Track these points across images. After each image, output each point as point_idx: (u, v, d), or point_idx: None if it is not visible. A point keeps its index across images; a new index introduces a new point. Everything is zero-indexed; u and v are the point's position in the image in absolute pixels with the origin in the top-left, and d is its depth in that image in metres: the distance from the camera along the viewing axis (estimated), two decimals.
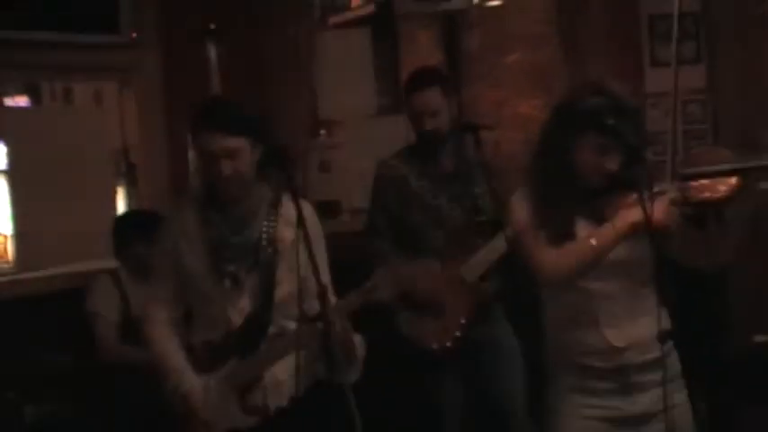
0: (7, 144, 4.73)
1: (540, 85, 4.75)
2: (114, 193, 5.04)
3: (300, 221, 2.35)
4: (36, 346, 4.12)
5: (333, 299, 2.67)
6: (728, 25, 4.42)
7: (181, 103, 4.61)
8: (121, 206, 5.08)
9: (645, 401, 2.46)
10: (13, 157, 4.71)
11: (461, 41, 5.00)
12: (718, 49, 4.46)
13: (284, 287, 2.63)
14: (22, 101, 5.87)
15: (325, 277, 2.67)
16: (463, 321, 3.39)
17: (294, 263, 2.51)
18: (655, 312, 2.44)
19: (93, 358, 3.85)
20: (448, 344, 3.39)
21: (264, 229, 2.63)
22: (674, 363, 2.50)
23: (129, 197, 5.12)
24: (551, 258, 2.44)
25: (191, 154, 4.62)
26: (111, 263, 4.06)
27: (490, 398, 3.50)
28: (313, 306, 2.56)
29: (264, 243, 2.62)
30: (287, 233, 2.63)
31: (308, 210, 2.71)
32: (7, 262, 5.08)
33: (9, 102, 5.81)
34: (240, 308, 2.62)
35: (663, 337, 2.37)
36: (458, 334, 3.39)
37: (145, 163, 4.79)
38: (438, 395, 3.49)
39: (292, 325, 2.63)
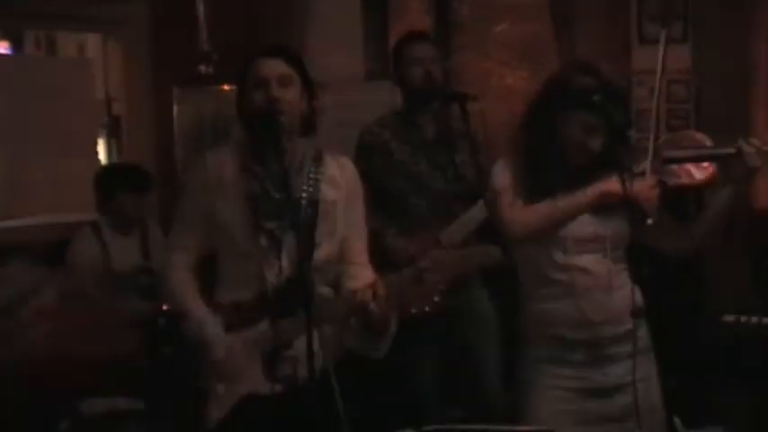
0: None
1: (527, 57, 4.76)
2: (96, 143, 5.02)
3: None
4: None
5: (367, 266, 2.63)
6: (715, 6, 4.44)
7: (168, 57, 4.59)
8: (103, 157, 5.07)
9: (615, 373, 2.52)
10: None
11: (451, 10, 4.99)
12: (705, 30, 4.48)
13: (323, 250, 2.51)
14: (3, 46, 5.80)
15: (362, 241, 2.65)
16: (442, 287, 3.42)
17: (334, 224, 2.48)
18: (628, 287, 2.51)
19: None
20: (426, 308, 3.42)
21: (306, 186, 2.49)
22: (644, 336, 2.55)
23: (111, 149, 5.10)
24: (519, 214, 2.49)
25: (176, 108, 4.62)
26: (92, 215, 4.06)
27: (464, 363, 3.56)
28: (353, 273, 2.56)
29: (305, 202, 2.48)
30: (329, 192, 2.53)
31: (349, 168, 2.66)
32: None
33: None
34: (276, 268, 2.47)
35: (636, 313, 2.43)
36: (436, 299, 3.42)
37: (129, 115, 4.76)
38: (414, 359, 3.53)
39: (329, 291, 2.53)
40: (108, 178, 3.99)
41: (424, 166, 3.50)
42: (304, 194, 2.50)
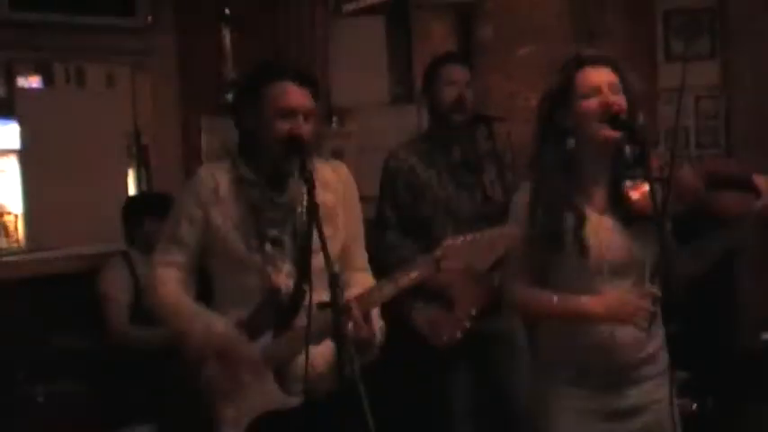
0: (20, 124, 4.75)
1: None
2: (125, 174, 5.06)
3: (312, 208, 2.24)
4: (44, 326, 4.15)
5: (367, 271, 2.61)
6: (743, 21, 4.41)
7: (194, 88, 4.63)
8: (132, 188, 5.11)
9: (635, 396, 2.46)
10: (25, 136, 4.73)
11: (475, 32, 5.00)
12: (733, 45, 4.45)
13: (328, 252, 2.29)
14: (34, 81, 5.88)
15: (362, 246, 2.64)
16: (473, 313, 3.40)
17: (335, 228, 2.44)
18: (656, 311, 2.43)
19: (102, 340, 3.87)
20: (458, 335, 3.39)
21: (303, 192, 2.37)
22: (665, 358, 2.49)
23: (140, 179, 5.13)
24: (519, 294, 2.49)
25: (204, 138, 4.66)
26: (122, 245, 4.09)
27: (498, 389, 3.51)
28: (353, 282, 2.52)
29: (303, 207, 2.40)
30: (326, 196, 2.47)
31: (343, 172, 2.64)
32: (17, 241, 5.11)
33: (22, 81, 5.82)
34: (285, 273, 2.45)
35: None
36: (468, 325, 3.40)
37: (157, 145, 4.81)
38: (448, 387, 3.50)
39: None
40: (134, 208, 4.02)
41: (452, 189, 3.48)
42: (302, 199, 2.43)
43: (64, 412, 3.72)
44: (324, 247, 2.18)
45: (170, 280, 2.53)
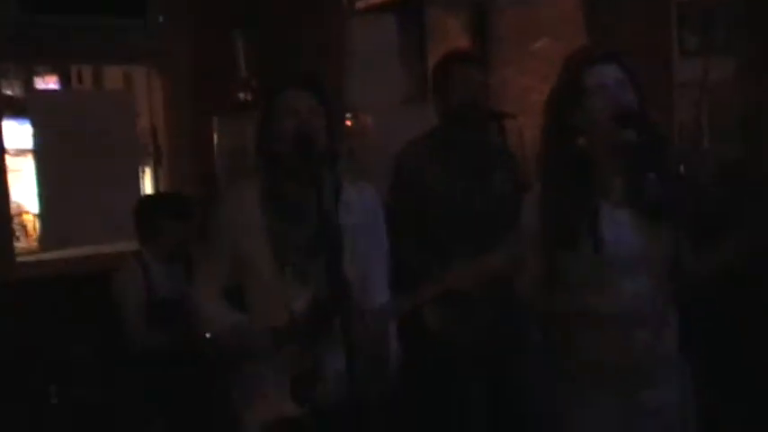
0: (35, 125, 4.78)
1: None
2: (141, 174, 5.09)
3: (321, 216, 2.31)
4: (61, 326, 4.17)
5: (386, 292, 2.64)
6: (758, 13, 4.35)
7: (208, 88, 4.65)
8: (148, 187, 5.14)
9: (656, 396, 2.43)
10: (40, 137, 4.76)
11: (489, 27, 4.97)
12: (748, 38, 4.39)
13: (348, 276, 2.38)
14: (52, 81, 5.92)
15: (383, 265, 2.67)
16: (490, 315, 3.37)
17: (353, 249, 2.47)
18: (674, 311, 2.42)
19: (118, 340, 3.89)
20: (476, 338, 3.37)
21: (325, 214, 2.40)
22: (681, 358, 2.46)
23: (157, 178, 5.16)
24: (534, 285, 2.47)
25: (216, 137, 4.67)
26: (137, 244, 4.10)
27: (517, 393, 3.47)
28: (375, 299, 2.57)
29: (325, 230, 2.39)
30: (346, 218, 2.50)
31: (368, 193, 2.68)
32: (35, 240, 5.16)
33: (39, 82, 5.87)
34: (304, 297, 2.50)
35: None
36: (485, 328, 3.37)
37: (170, 145, 4.83)
38: (464, 391, 3.47)
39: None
40: (149, 207, 4.03)
41: (464, 186, 3.45)
42: (324, 222, 2.44)
43: (78, 415, 3.74)
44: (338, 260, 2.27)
45: (211, 298, 2.65)
